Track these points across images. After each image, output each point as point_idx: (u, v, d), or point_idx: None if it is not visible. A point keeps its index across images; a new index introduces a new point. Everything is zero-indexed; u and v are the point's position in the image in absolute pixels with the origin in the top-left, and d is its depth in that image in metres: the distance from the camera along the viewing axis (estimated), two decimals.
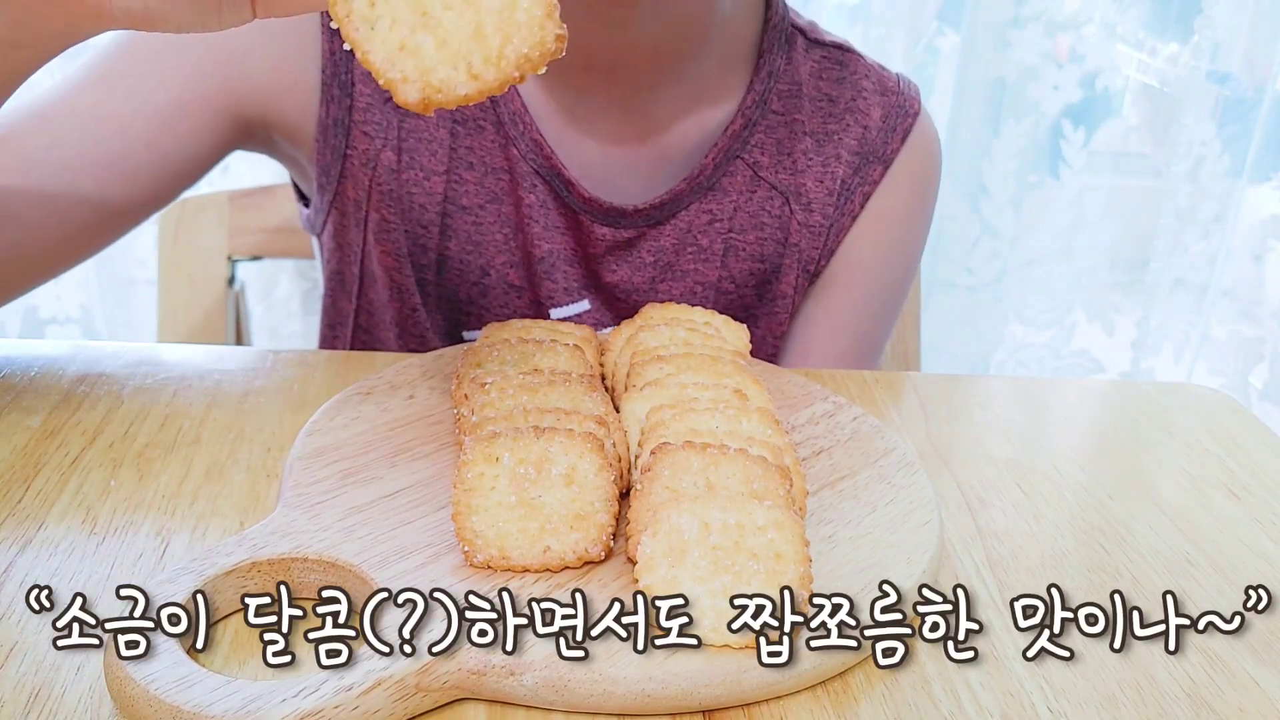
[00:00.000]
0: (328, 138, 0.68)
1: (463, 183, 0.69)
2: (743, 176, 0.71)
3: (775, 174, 0.71)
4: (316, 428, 0.50)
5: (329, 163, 0.69)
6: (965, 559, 0.46)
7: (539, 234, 0.69)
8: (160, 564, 0.43)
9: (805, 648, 0.37)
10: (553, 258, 0.70)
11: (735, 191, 0.71)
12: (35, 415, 0.53)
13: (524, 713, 0.37)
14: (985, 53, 1.30)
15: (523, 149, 0.68)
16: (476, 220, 0.70)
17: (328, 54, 0.67)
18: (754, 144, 0.71)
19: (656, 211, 0.70)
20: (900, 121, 0.73)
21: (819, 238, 0.72)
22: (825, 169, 0.72)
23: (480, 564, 0.40)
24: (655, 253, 0.71)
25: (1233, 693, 0.40)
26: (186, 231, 0.92)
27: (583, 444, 0.41)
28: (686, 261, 0.71)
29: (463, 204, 0.69)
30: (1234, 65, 1.29)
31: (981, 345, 1.42)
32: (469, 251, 0.70)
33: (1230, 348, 1.40)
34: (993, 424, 0.59)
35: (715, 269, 0.72)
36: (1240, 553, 0.48)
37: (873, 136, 0.73)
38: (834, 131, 0.72)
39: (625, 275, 0.71)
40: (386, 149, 0.68)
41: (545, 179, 0.69)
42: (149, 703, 0.33)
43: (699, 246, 0.71)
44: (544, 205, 0.69)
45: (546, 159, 0.68)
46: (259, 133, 0.69)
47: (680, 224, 0.71)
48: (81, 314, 1.33)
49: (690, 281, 0.72)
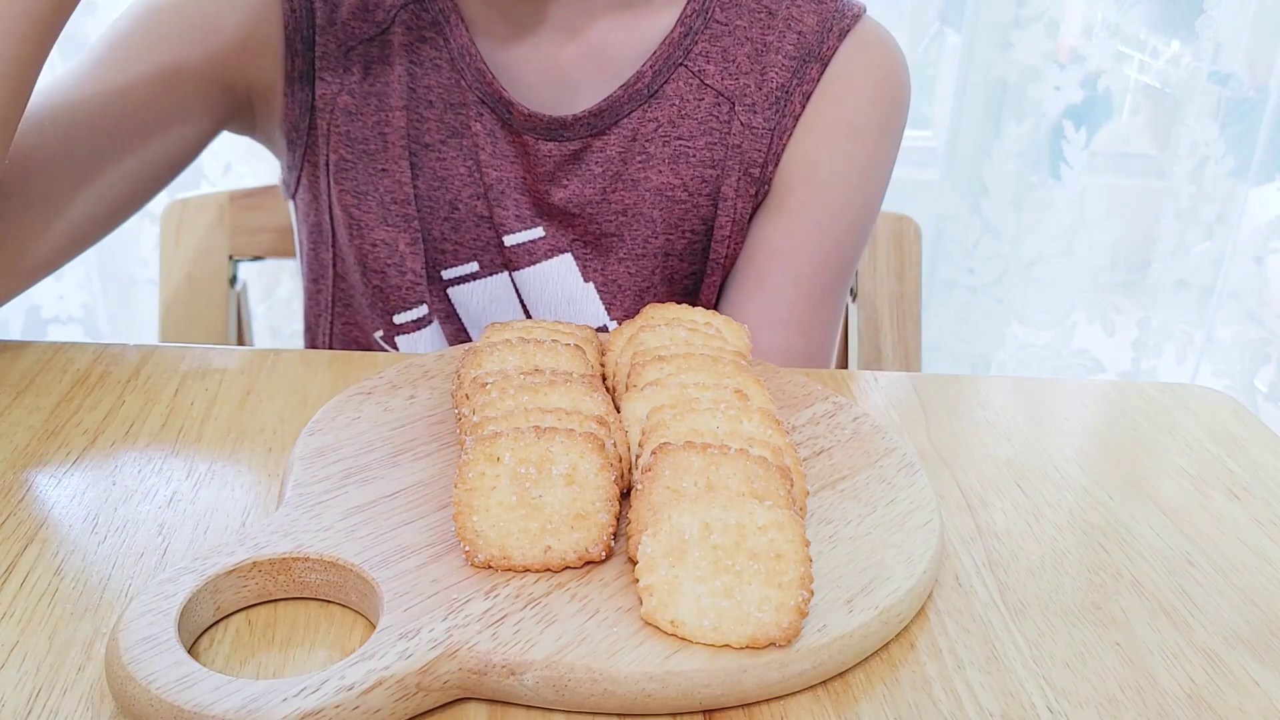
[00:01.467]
0: (295, 91, 0.72)
1: (424, 120, 0.72)
2: (687, 84, 0.72)
3: (721, 80, 0.72)
4: (318, 427, 0.50)
5: (298, 117, 0.73)
6: (965, 559, 0.47)
7: (487, 161, 0.72)
8: (162, 563, 0.43)
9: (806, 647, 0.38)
10: (502, 185, 0.72)
11: (679, 98, 0.72)
12: (37, 414, 0.53)
13: (524, 712, 0.37)
14: (986, 53, 1.30)
15: (469, 79, 0.71)
16: (440, 156, 0.72)
17: (288, 11, 0.71)
18: (698, 52, 0.72)
19: (596, 119, 0.71)
20: (836, 23, 0.73)
21: (761, 139, 0.72)
22: (764, 75, 0.72)
23: (481, 564, 0.40)
24: (603, 163, 0.72)
25: (1233, 693, 0.40)
26: (188, 231, 0.92)
27: (584, 444, 0.41)
28: (635, 170, 0.72)
29: (425, 141, 0.72)
30: (1235, 66, 1.29)
31: (982, 345, 1.42)
32: (436, 188, 0.73)
33: (1235, 350, 1.40)
34: (993, 424, 0.59)
35: (664, 175, 0.72)
36: (1241, 553, 0.48)
37: (808, 40, 0.72)
38: (771, 41, 0.72)
39: (576, 189, 0.72)
40: (343, 93, 0.72)
41: (490, 106, 0.71)
42: (150, 702, 0.34)
43: (647, 154, 0.72)
44: (490, 134, 0.71)
45: (489, 85, 0.71)
46: (242, 98, 0.73)
47: (625, 131, 0.72)
48: (84, 313, 1.33)
49: (641, 190, 0.72)
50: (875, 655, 0.40)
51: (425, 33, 0.72)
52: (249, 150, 1.27)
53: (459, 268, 0.74)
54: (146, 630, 0.36)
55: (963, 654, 0.41)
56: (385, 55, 0.71)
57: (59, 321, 1.32)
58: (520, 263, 0.73)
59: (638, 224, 0.73)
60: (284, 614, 0.40)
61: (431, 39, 0.71)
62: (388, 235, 0.73)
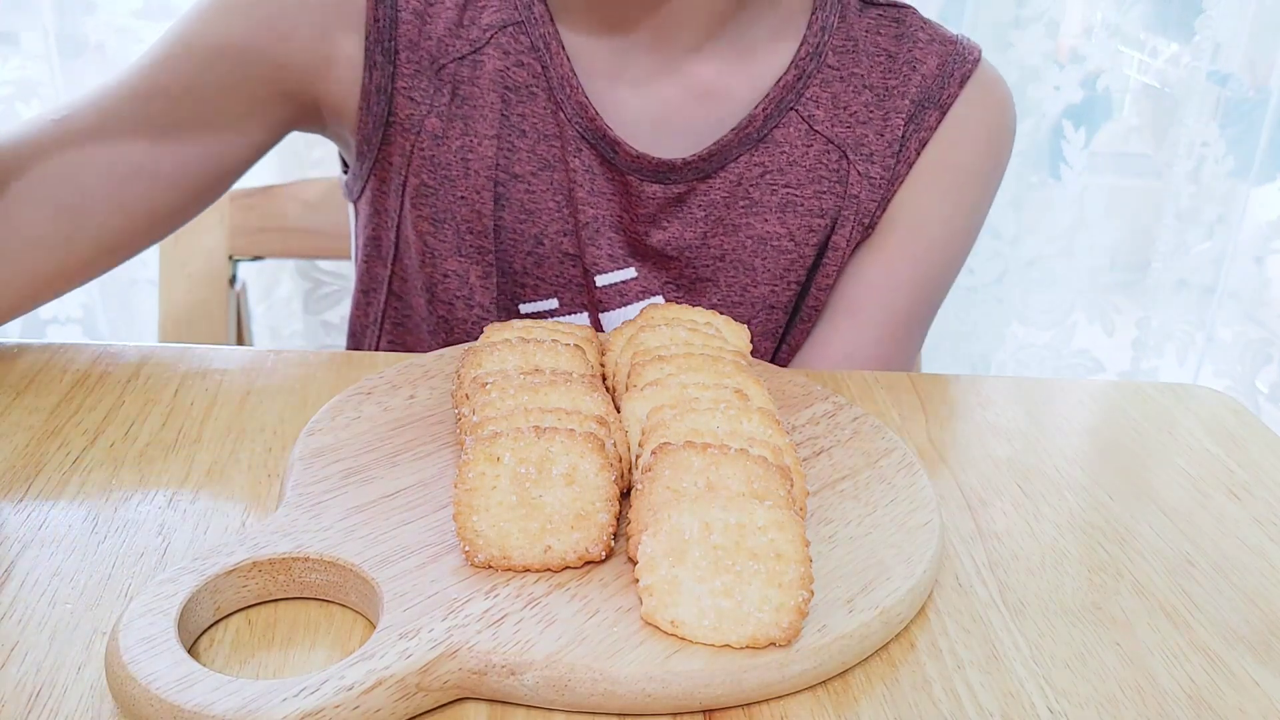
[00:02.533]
0: (370, 105, 0.68)
1: (515, 150, 0.69)
2: (797, 129, 0.70)
3: (832, 127, 0.70)
4: (317, 427, 0.50)
5: (370, 130, 0.69)
6: (966, 559, 0.47)
7: (584, 199, 0.69)
8: (162, 563, 0.43)
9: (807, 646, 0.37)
10: (597, 223, 0.69)
11: (789, 144, 0.70)
12: (37, 414, 0.53)
13: (525, 712, 0.37)
14: (986, 53, 1.29)
15: (569, 113, 0.68)
16: (529, 188, 0.69)
17: (371, 20, 0.67)
18: (809, 97, 0.70)
19: (705, 163, 0.69)
20: (958, 68, 0.72)
21: (878, 190, 0.71)
22: (886, 122, 0.71)
23: (481, 564, 0.40)
24: (705, 206, 0.70)
25: (1233, 693, 0.40)
26: (188, 231, 0.92)
27: (584, 444, 0.41)
28: (738, 215, 0.70)
29: (515, 172, 0.69)
30: (1235, 66, 1.29)
31: (982, 345, 1.42)
32: (522, 220, 0.70)
33: (1236, 350, 1.39)
34: (993, 424, 0.59)
35: (769, 223, 0.70)
36: (1241, 554, 0.48)
37: (929, 84, 0.71)
38: (894, 86, 0.71)
39: (677, 232, 0.70)
40: (432, 115, 0.68)
41: (591, 143, 0.68)
42: (150, 702, 0.34)
43: (751, 199, 0.70)
44: (589, 170, 0.69)
45: (591, 121, 0.68)
46: (309, 108, 0.70)
47: (730, 175, 0.69)
48: (83, 313, 1.33)
49: (743, 236, 0.70)
50: (875, 655, 0.40)
51: (524, 58, 0.68)
52: None
53: (538, 303, 0.72)
54: (146, 630, 0.36)
55: (963, 654, 0.41)
56: (476, 77, 0.68)
57: (58, 322, 1.32)
58: (610, 304, 0.71)
59: (735, 270, 0.71)
60: (284, 614, 0.40)
61: (529, 65, 0.68)
62: (459, 266, 0.70)
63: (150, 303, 1.30)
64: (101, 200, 0.62)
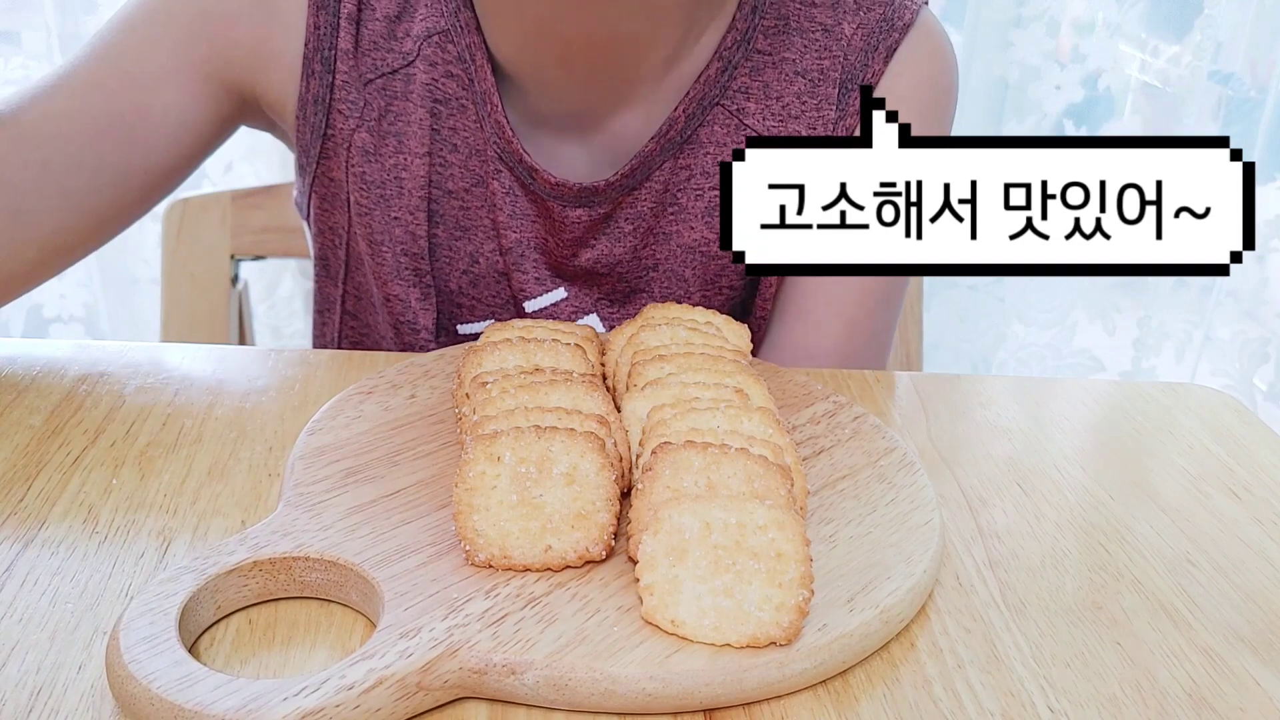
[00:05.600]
0: (308, 115, 0.66)
1: (447, 165, 0.66)
2: (724, 126, 0.65)
3: (764, 121, 0.65)
4: (318, 427, 0.50)
5: (309, 142, 0.67)
6: (966, 558, 0.47)
7: (506, 222, 0.66)
8: (162, 563, 0.43)
9: (807, 646, 0.38)
10: (521, 247, 0.66)
11: (715, 144, 0.65)
12: (37, 414, 0.53)
13: (525, 712, 0.37)
14: (987, 52, 1.30)
15: (488, 132, 0.65)
16: (463, 204, 0.66)
17: (312, 27, 0.64)
18: (736, 89, 0.64)
19: (628, 180, 0.65)
20: (883, 39, 0.65)
21: None
22: (819, 113, 0.65)
23: (481, 563, 0.41)
24: (633, 220, 0.66)
25: (1234, 693, 0.40)
26: (189, 231, 0.92)
27: (584, 443, 0.41)
28: (667, 224, 0.66)
29: (448, 188, 0.66)
30: (1236, 65, 1.29)
31: (983, 345, 1.42)
32: (457, 238, 0.67)
33: (1234, 348, 1.39)
34: (994, 423, 0.59)
35: (696, 230, 0.66)
36: (1241, 553, 0.48)
37: (851, 61, 0.65)
38: (826, 68, 0.65)
39: (605, 249, 0.67)
40: (361, 130, 0.65)
41: (509, 166, 0.65)
42: (150, 701, 0.34)
43: (679, 206, 0.66)
44: (510, 192, 0.65)
45: (508, 144, 0.64)
46: (250, 104, 0.67)
47: (656, 184, 0.65)
48: (85, 313, 1.33)
49: (673, 245, 0.66)
50: (876, 654, 0.40)
51: (451, 68, 0.65)
52: (251, 150, 1.27)
53: (476, 325, 0.70)
54: (147, 629, 0.36)
55: (963, 653, 0.41)
56: (408, 91, 0.65)
57: (60, 321, 1.33)
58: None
59: (668, 280, 0.68)
60: (284, 613, 0.40)
61: (458, 76, 0.65)
62: (400, 290, 0.68)
63: (152, 302, 1.30)
64: (43, 201, 0.59)
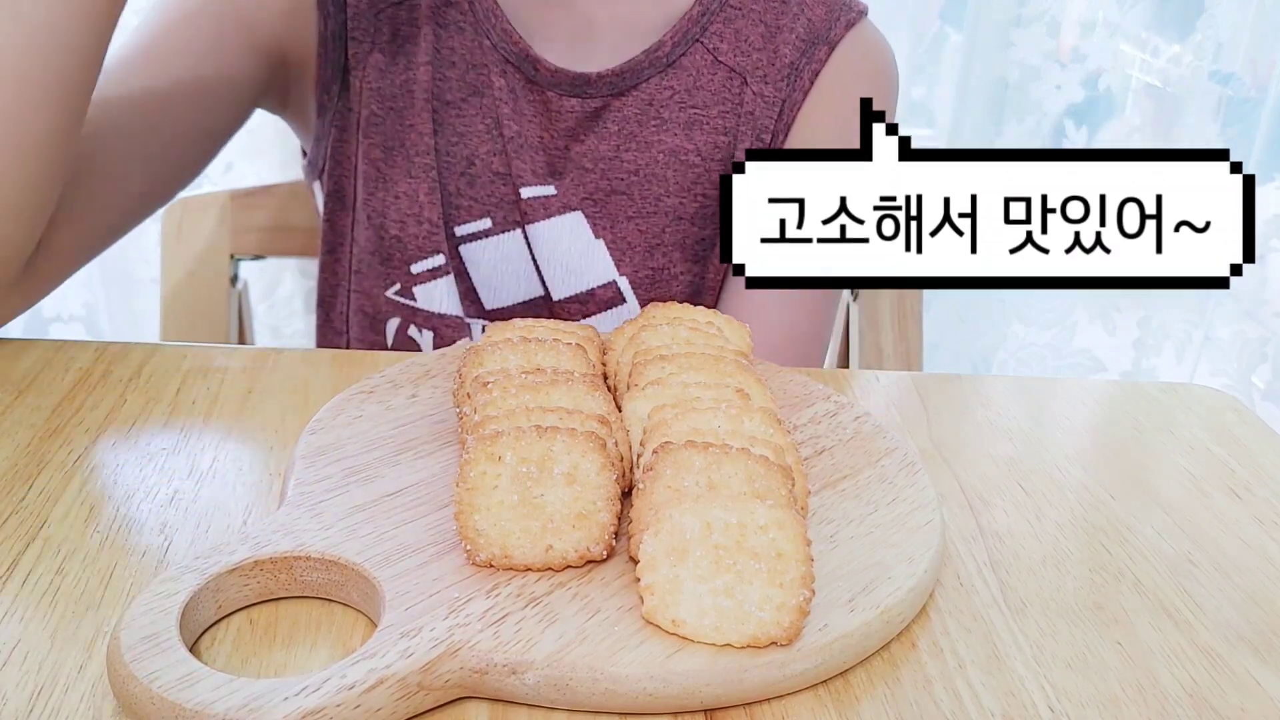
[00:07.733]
0: (328, 51, 0.75)
1: (446, 80, 0.76)
2: (703, 59, 0.77)
3: (734, 57, 0.77)
4: (319, 426, 0.50)
5: (330, 78, 0.76)
6: (967, 558, 0.47)
7: (508, 115, 0.75)
8: (163, 562, 0.43)
9: (807, 647, 0.38)
10: (521, 139, 0.76)
11: (695, 71, 0.77)
12: (39, 413, 0.53)
13: (526, 712, 0.37)
14: (988, 52, 1.30)
15: (494, 39, 0.75)
16: (460, 113, 0.76)
17: None
18: (713, 31, 0.77)
19: (618, 79, 0.76)
20: (844, 14, 0.79)
21: (773, 108, 0.77)
22: (776, 52, 0.78)
23: (482, 563, 0.41)
24: (619, 122, 0.76)
25: (1234, 693, 0.40)
26: (189, 230, 0.92)
27: (585, 443, 0.41)
28: (650, 132, 0.76)
29: (447, 99, 0.76)
30: (1237, 65, 1.29)
31: (983, 345, 1.42)
32: (454, 143, 0.76)
33: (1233, 348, 1.39)
34: (994, 423, 0.59)
35: (678, 138, 0.77)
36: (1242, 553, 0.48)
37: (817, 26, 0.78)
38: (784, 24, 0.78)
39: (592, 145, 0.76)
40: (375, 50, 0.76)
41: (515, 64, 0.75)
42: (151, 701, 0.34)
43: (661, 118, 0.77)
44: (513, 90, 0.76)
45: (514, 44, 0.75)
46: (277, 67, 0.76)
47: (642, 96, 0.76)
48: (85, 312, 1.33)
49: (655, 151, 0.76)
50: (876, 654, 0.40)
51: None
52: (251, 149, 1.27)
53: (472, 224, 0.77)
54: (148, 629, 0.36)
55: (964, 653, 0.41)
56: (413, 18, 0.76)
57: (61, 320, 1.33)
58: (534, 216, 0.76)
59: (649, 183, 0.77)
60: (285, 613, 0.40)
61: (456, 2, 0.76)
62: (410, 187, 0.76)
63: (152, 301, 1.30)
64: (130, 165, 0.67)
